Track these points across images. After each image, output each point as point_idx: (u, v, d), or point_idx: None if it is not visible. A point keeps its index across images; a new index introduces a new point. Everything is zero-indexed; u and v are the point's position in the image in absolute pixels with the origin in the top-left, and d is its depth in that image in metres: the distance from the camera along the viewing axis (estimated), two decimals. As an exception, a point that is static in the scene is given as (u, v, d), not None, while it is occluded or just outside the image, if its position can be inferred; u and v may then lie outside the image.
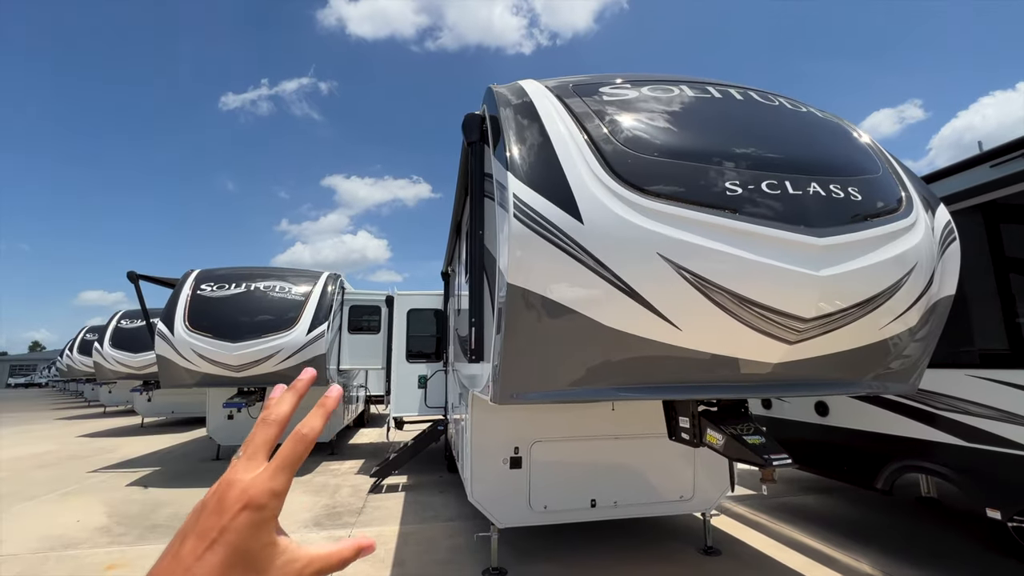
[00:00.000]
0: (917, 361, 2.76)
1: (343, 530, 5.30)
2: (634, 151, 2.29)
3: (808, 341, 2.23)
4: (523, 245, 2.20)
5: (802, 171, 2.28)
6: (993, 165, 3.58)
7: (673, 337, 2.17)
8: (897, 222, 2.36)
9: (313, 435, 0.48)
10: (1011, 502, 3.44)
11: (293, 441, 0.47)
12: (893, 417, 4.28)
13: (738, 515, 5.61)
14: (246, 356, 7.61)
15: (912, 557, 4.33)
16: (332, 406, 0.52)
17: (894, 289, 2.29)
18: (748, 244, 2.08)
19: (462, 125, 3.12)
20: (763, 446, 2.53)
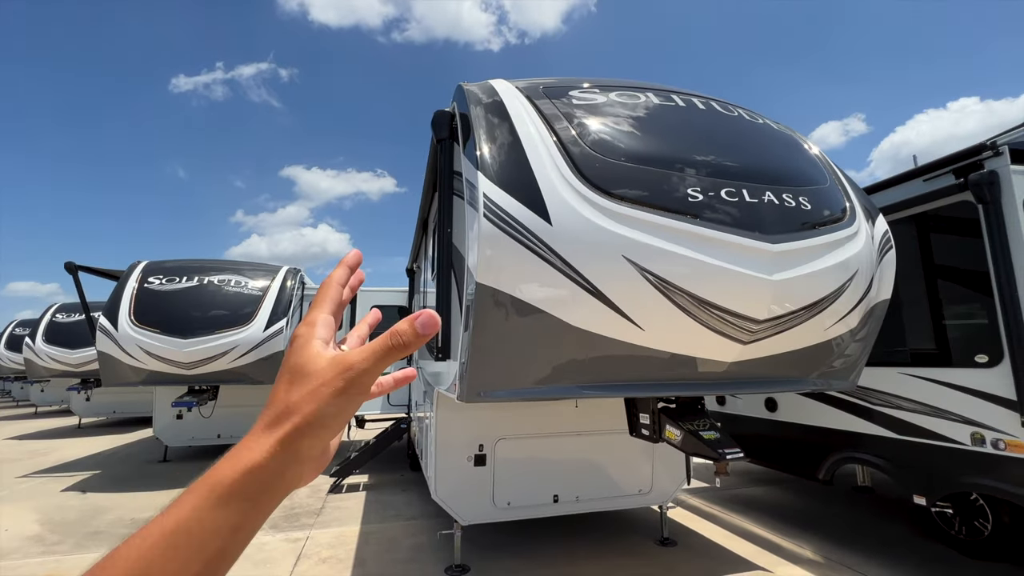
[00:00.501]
0: (857, 360, 2.96)
1: (301, 531, 5.17)
2: (602, 155, 2.35)
3: (760, 341, 2.36)
4: (493, 244, 2.21)
5: (758, 180, 2.41)
6: (926, 179, 3.88)
7: (636, 337, 2.24)
8: (842, 231, 2.53)
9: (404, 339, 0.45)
10: (935, 489, 3.76)
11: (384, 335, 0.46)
12: (834, 412, 4.57)
13: (693, 507, 5.84)
14: (198, 353, 7.27)
15: (849, 542, 4.65)
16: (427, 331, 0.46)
17: (838, 293, 2.45)
18: (707, 248, 2.18)
19: (431, 122, 3.11)
20: (718, 441, 2.66)
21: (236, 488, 0.40)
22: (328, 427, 0.44)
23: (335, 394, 0.43)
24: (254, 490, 0.41)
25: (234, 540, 0.40)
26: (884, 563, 4.18)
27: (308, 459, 0.44)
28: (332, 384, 0.43)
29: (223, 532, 0.39)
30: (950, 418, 3.63)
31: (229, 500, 0.40)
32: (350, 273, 0.55)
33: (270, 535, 5.10)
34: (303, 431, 0.42)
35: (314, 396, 0.43)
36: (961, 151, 3.65)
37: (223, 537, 0.39)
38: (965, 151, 3.61)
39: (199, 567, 0.38)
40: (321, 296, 0.51)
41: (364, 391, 0.45)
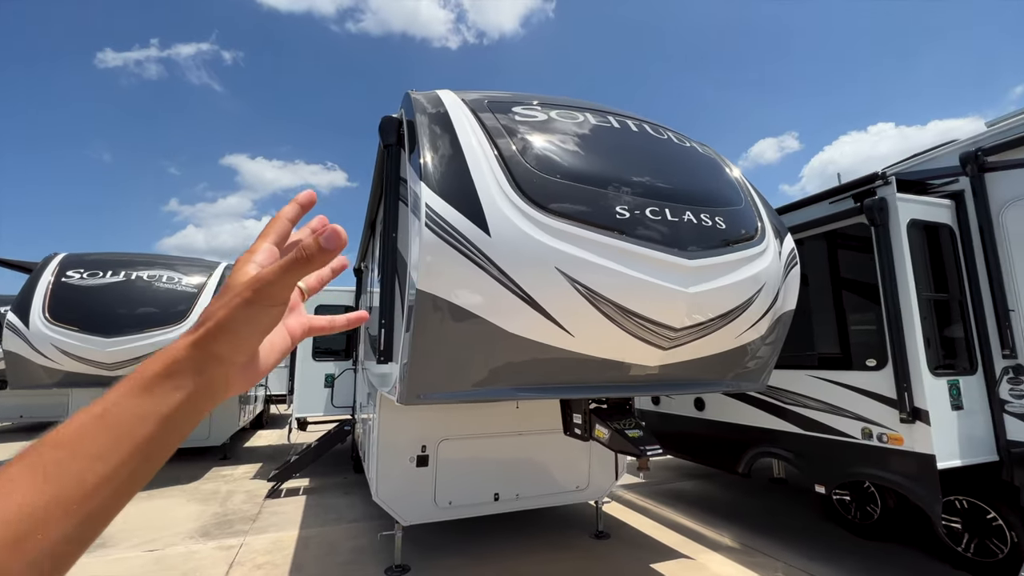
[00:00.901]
0: (766, 363, 3.29)
1: (235, 538, 5.00)
2: (540, 171, 2.50)
3: (679, 347, 2.59)
4: (433, 253, 2.31)
5: (680, 200, 2.64)
6: (831, 202, 4.35)
7: (567, 342, 2.41)
8: (752, 248, 2.82)
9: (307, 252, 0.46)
10: (832, 479, 4.21)
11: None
12: (753, 411, 4.99)
13: (628, 501, 6.16)
14: (123, 353, 6.82)
15: (764, 529, 5.10)
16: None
17: (747, 304, 2.73)
18: (631, 262, 2.37)
19: (379, 127, 3.16)
20: (640, 439, 2.88)
21: (157, 379, 0.43)
22: (238, 333, 0.47)
23: (244, 304, 0.46)
24: (175, 382, 0.44)
25: (164, 429, 0.43)
26: (793, 547, 4.63)
27: (228, 362, 0.47)
28: (242, 295, 0.46)
29: (150, 419, 0.42)
30: (846, 415, 4.08)
31: (152, 388, 0.43)
32: (300, 211, 0.56)
33: (200, 543, 4.90)
34: (214, 334, 0.46)
35: (226, 304, 0.46)
36: (858, 179, 4.12)
37: (151, 424, 0.42)
38: (861, 179, 4.08)
39: (129, 449, 0.41)
40: (267, 228, 0.54)
41: (275, 302, 0.47)
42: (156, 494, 6.65)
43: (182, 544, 4.87)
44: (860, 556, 4.41)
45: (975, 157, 3.92)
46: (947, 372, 3.77)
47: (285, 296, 0.48)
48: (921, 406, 3.55)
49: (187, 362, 0.45)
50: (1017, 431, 3.67)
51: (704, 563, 4.35)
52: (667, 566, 4.29)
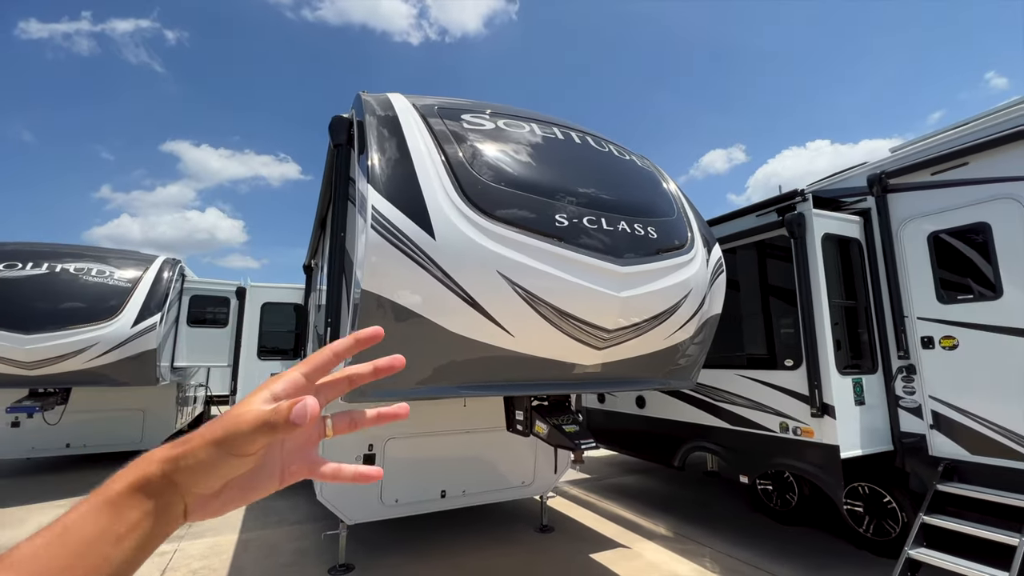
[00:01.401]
0: (695, 362, 3.56)
1: (167, 544, 4.80)
2: (484, 179, 2.62)
3: (612, 347, 2.78)
4: (379, 254, 2.37)
5: (616, 211, 2.84)
6: (758, 215, 4.73)
7: (508, 342, 2.54)
8: (681, 256, 3.06)
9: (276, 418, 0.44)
10: (754, 469, 4.59)
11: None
12: (688, 408, 5.33)
13: (573, 496, 6.39)
14: (44, 351, 6.36)
15: (697, 519, 5.45)
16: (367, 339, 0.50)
17: (676, 308, 2.97)
18: (569, 268, 2.54)
19: (329, 127, 3.17)
20: (576, 433, 3.06)
21: (119, 499, 0.42)
22: (197, 470, 0.43)
23: (211, 444, 0.44)
24: (135, 504, 0.42)
25: (119, 549, 0.41)
26: (720, 535, 4.98)
27: (186, 491, 0.44)
28: (215, 433, 0.44)
29: (107, 538, 0.40)
30: (767, 411, 4.46)
31: (112, 509, 0.42)
32: (354, 347, 0.52)
33: (130, 550, 4.67)
34: (178, 463, 0.43)
35: (200, 436, 0.44)
36: (780, 195, 4.52)
37: (107, 543, 0.40)
38: (783, 195, 4.48)
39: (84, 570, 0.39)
40: (311, 356, 0.51)
41: (240, 452, 0.44)
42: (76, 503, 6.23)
43: (109, 552, 4.63)
44: (778, 540, 4.81)
45: (880, 179, 4.39)
46: (853, 371, 4.20)
47: (252, 450, 0.45)
48: (829, 402, 3.95)
49: (151, 485, 0.43)
50: (909, 423, 4.14)
51: (639, 551, 4.61)
52: (606, 556, 4.52)
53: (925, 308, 4.13)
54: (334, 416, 0.54)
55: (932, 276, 4.09)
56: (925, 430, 4.05)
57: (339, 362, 0.52)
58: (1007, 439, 3.60)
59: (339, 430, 0.54)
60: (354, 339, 0.52)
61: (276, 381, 0.49)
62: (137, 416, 8.30)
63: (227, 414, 0.45)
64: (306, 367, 0.51)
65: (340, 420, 0.54)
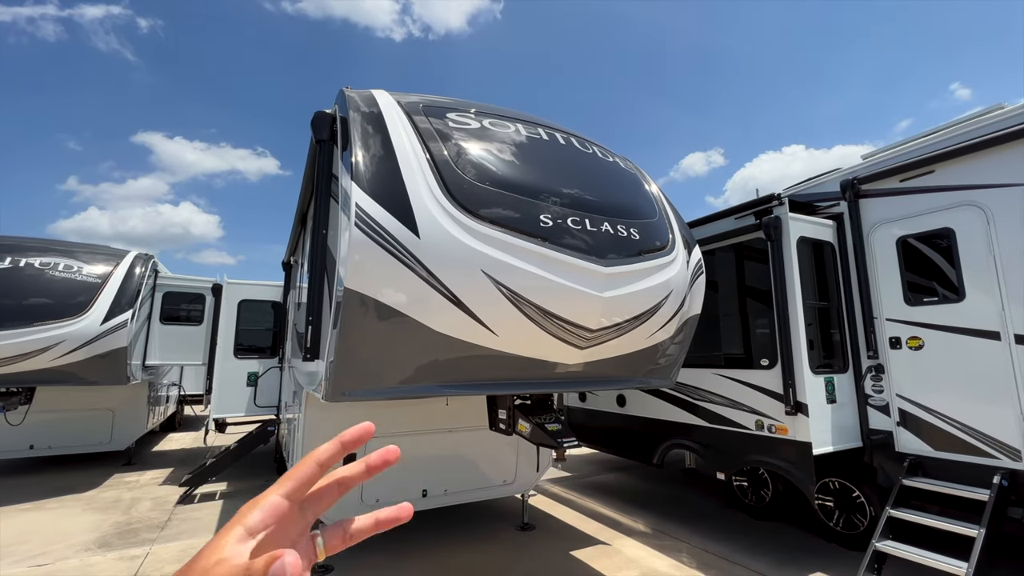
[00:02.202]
0: (675, 362, 3.62)
1: (139, 548, 4.67)
2: (469, 178, 2.62)
3: (595, 347, 2.82)
4: (362, 252, 2.35)
5: (599, 212, 2.87)
6: (736, 218, 4.84)
7: (491, 341, 2.55)
8: (662, 258, 3.11)
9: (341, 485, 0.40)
10: (731, 466, 4.70)
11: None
12: (667, 406, 5.42)
13: (553, 494, 6.44)
14: (7, 348, 6.11)
15: (674, 515, 5.55)
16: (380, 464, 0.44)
17: (656, 308, 3.02)
18: (553, 268, 2.56)
19: (311, 122, 3.13)
20: (558, 432, 3.09)
21: None
22: None
23: None
24: None
25: None
26: (697, 530, 5.08)
27: None
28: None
29: None
30: (743, 409, 4.57)
31: None
32: (340, 452, 0.45)
33: (99, 554, 4.54)
34: None
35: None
36: (758, 199, 4.63)
37: None
38: (760, 199, 4.59)
39: None
40: (289, 471, 0.44)
41: None
42: (45, 504, 6.02)
43: (76, 557, 4.48)
44: (753, 535, 4.94)
45: (852, 185, 4.54)
46: (825, 370, 4.34)
47: None
48: (803, 400, 4.07)
49: None
50: (877, 421, 4.30)
51: (619, 548, 4.68)
52: (586, 552, 4.57)
53: (893, 310, 4.28)
54: (325, 532, 0.47)
55: (900, 279, 4.25)
56: (892, 427, 4.21)
57: (324, 473, 0.45)
58: (969, 436, 3.77)
59: (332, 548, 0.47)
60: (340, 443, 0.45)
61: (251, 509, 0.42)
62: (106, 416, 8.04)
63: (194, 566, 0.39)
64: (286, 486, 0.43)
65: (333, 536, 0.47)
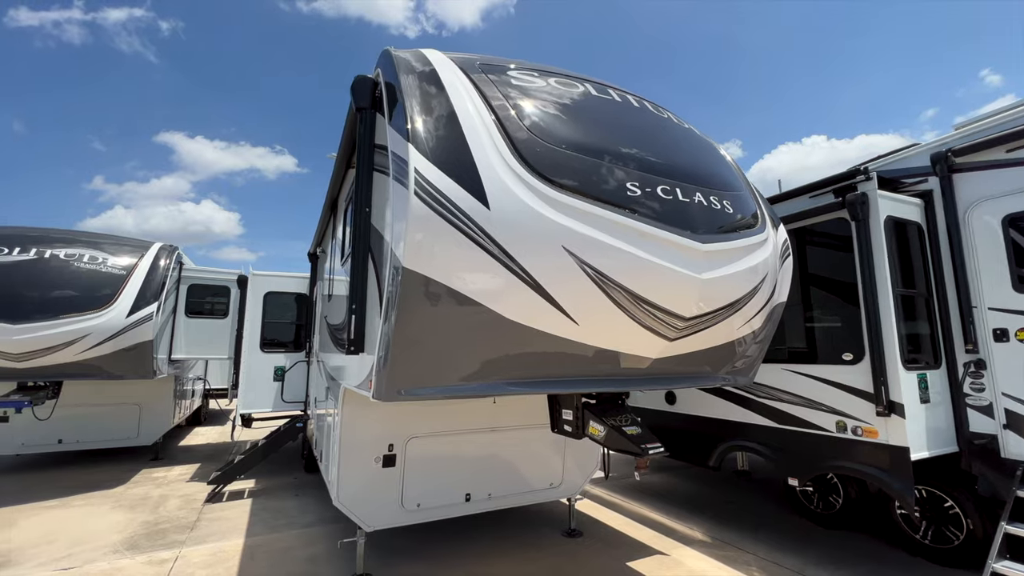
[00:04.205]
0: (757, 358, 3.20)
1: (168, 551, 4.44)
2: (543, 140, 2.24)
3: (684, 338, 2.42)
4: (423, 227, 1.99)
5: (689, 180, 2.46)
6: (811, 196, 4.37)
7: (571, 332, 2.17)
8: (755, 236, 2.69)
9: None
10: (806, 471, 4.25)
11: None
12: (725, 404, 4.98)
13: (595, 496, 6.07)
14: (32, 342, 5.95)
15: (732, 522, 5.13)
16: None
17: (751, 295, 2.60)
18: (645, 244, 2.16)
19: (351, 88, 2.78)
20: (639, 436, 2.70)
21: None
22: None
23: None
24: None
25: None
26: (760, 539, 4.66)
27: None
28: None
29: None
30: (820, 409, 4.12)
31: None
32: None
33: (127, 558, 4.31)
34: None
35: None
36: (840, 174, 4.15)
37: None
38: (843, 174, 4.11)
39: None
40: None
41: None
42: (73, 501, 5.87)
43: (104, 560, 4.26)
44: (824, 545, 4.50)
45: (945, 158, 4.03)
46: (916, 366, 3.86)
47: None
48: (897, 399, 3.61)
49: None
50: (978, 423, 3.81)
51: (679, 559, 4.29)
52: (643, 564, 4.19)
53: (998, 298, 3.78)
54: None
55: (1008, 263, 3.74)
56: (997, 430, 3.72)
57: None
58: (1097, 441, 3.28)
59: None
60: None
61: None
62: (133, 411, 7.91)
63: None
64: None
65: None
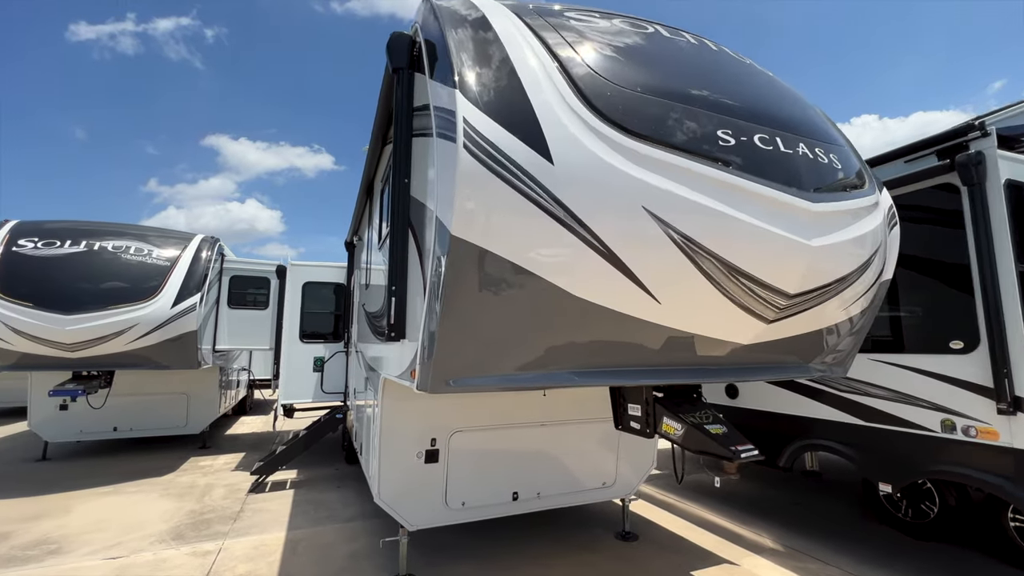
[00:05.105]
0: (856, 347, 2.74)
1: (212, 542, 4.38)
2: (613, 82, 1.86)
3: (784, 320, 2.01)
4: (475, 187, 1.67)
5: (789, 129, 2.04)
6: (907, 160, 3.78)
7: (650, 311, 1.80)
8: (865, 198, 2.23)
9: None
10: (902, 476, 3.72)
11: None
12: (797, 398, 4.48)
13: (648, 496, 5.67)
14: (85, 332, 6.06)
15: (804, 528, 4.63)
16: None
17: (862, 269, 2.16)
18: (742, 203, 1.77)
19: (387, 46, 2.48)
20: (727, 436, 2.31)
21: None
22: None
23: None
24: None
25: None
26: (841, 549, 4.16)
27: None
28: None
29: None
30: (920, 405, 3.57)
31: None
32: None
33: (173, 548, 4.27)
34: None
35: None
36: (946, 132, 3.55)
37: None
38: (950, 131, 3.51)
39: None
40: None
41: None
42: (125, 488, 5.98)
43: (150, 550, 4.23)
44: (917, 559, 3.96)
45: (1079, 108, 3.37)
46: (1040, 356, 3.26)
47: None
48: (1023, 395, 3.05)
49: None
50: (1124, 423, 3.19)
51: (750, 569, 3.86)
52: (711, 573, 3.79)
53: None
54: None
55: None
56: None
57: None
58: None
59: None
60: None
61: None
62: (181, 400, 8.06)
63: None
64: None
65: None
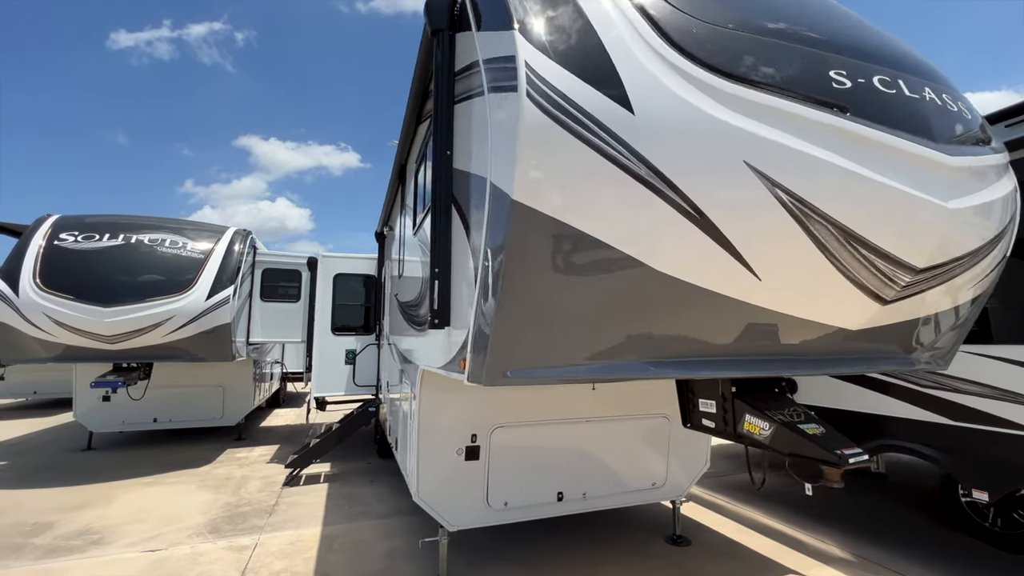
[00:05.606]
0: (962, 336, 2.36)
1: (248, 536, 4.30)
2: (700, 18, 1.56)
3: (903, 300, 1.69)
4: (540, 143, 1.41)
5: (910, 72, 1.70)
6: (1008, 125, 3.33)
7: (748, 291, 1.51)
8: (997, 155, 1.87)
9: None
10: (1005, 484, 3.29)
11: None
12: (867, 394, 4.08)
13: (696, 496, 5.34)
14: (124, 324, 6.12)
15: (873, 535, 4.23)
16: None
17: (996, 241, 1.81)
18: (865, 156, 1.45)
19: (425, 7, 2.24)
20: (827, 437, 1.99)
21: None
22: None
23: None
24: None
25: None
26: (915, 558, 3.76)
27: None
28: None
29: None
30: (1025, 402, 3.15)
31: None
32: None
33: (210, 542, 4.21)
34: None
35: None
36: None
37: None
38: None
39: None
40: None
41: None
42: (165, 478, 6.03)
43: (188, 543, 4.18)
44: (1008, 572, 3.54)
45: None
46: None
47: None
48: None
49: None
50: None
51: (820, 581, 3.51)
52: (776, 585, 3.47)
53: None
54: None
55: None
56: None
57: None
58: None
59: None
60: None
61: None
62: (217, 392, 8.14)
63: None
64: None
65: None
